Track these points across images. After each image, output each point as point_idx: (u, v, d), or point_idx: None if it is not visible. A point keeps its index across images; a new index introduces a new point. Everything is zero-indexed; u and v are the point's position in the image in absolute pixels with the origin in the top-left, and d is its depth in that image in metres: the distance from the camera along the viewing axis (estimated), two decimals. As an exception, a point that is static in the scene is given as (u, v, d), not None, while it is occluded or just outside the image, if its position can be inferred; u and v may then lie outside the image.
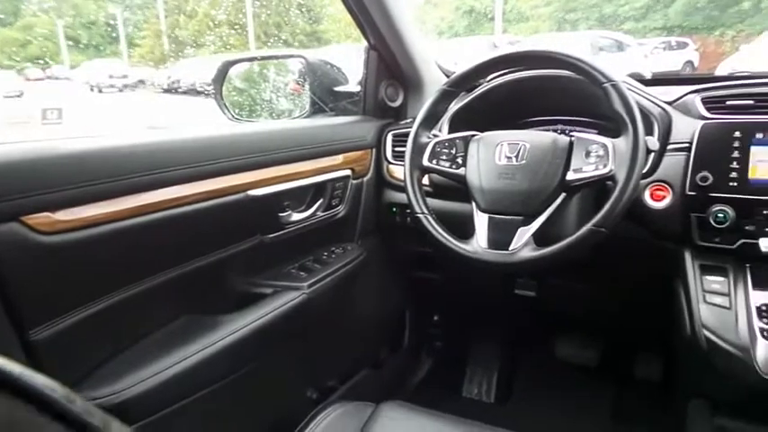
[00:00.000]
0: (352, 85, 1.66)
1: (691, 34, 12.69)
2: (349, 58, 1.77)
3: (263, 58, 1.80)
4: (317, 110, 1.61)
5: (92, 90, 12.83)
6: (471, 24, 17.01)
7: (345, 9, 1.41)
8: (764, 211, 1.04)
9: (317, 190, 1.33)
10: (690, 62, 11.61)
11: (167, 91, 12.62)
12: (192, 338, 1.00)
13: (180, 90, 11.96)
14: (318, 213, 1.33)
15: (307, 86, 1.66)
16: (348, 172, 1.41)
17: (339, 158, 1.39)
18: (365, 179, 1.48)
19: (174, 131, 1.08)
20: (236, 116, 1.59)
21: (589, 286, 1.48)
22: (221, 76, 1.54)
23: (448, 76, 1.56)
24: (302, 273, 1.28)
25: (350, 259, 1.40)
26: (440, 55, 1.65)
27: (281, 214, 1.22)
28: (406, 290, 1.80)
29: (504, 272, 1.45)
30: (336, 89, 1.66)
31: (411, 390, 1.86)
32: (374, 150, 1.50)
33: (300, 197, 1.30)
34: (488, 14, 16.20)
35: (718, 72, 8.37)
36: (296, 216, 1.27)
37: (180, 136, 1.04)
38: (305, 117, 1.63)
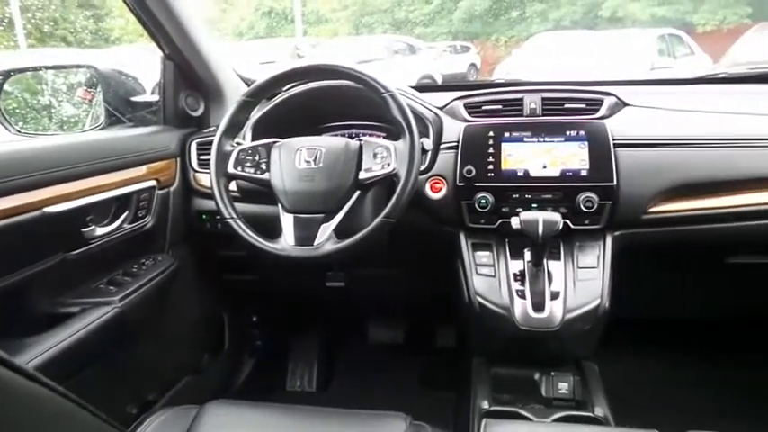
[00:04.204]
0: (150, 95, 1.63)
1: (473, 39, 14.07)
2: (140, 65, 1.74)
3: (47, 68, 1.68)
4: (113, 121, 1.57)
5: None
6: (271, 25, 16.93)
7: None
8: (514, 196, 1.30)
9: (122, 202, 1.31)
10: (473, 65, 12.78)
11: None
12: None
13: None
14: (125, 226, 1.31)
15: (100, 97, 1.59)
16: (153, 183, 1.40)
17: (143, 169, 1.38)
18: (172, 189, 1.48)
19: None
20: (20, 130, 1.48)
21: (391, 272, 1.65)
22: (-3, 88, 1.42)
23: (247, 84, 1.63)
24: (112, 287, 1.26)
25: (161, 270, 1.40)
26: (242, 57, 1.70)
27: (84, 230, 1.19)
28: (223, 294, 1.83)
29: (311, 265, 1.56)
30: (134, 99, 1.63)
31: (235, 391, 1.90)
32: (179, 160, 1.51)
33: (104, 211, 1.28)
34: (288, 16, 16.24)
35: (496, 73, 9.42)
36: (100, 230, 1.24)
37: None
38: (100, 129, 1.58)
